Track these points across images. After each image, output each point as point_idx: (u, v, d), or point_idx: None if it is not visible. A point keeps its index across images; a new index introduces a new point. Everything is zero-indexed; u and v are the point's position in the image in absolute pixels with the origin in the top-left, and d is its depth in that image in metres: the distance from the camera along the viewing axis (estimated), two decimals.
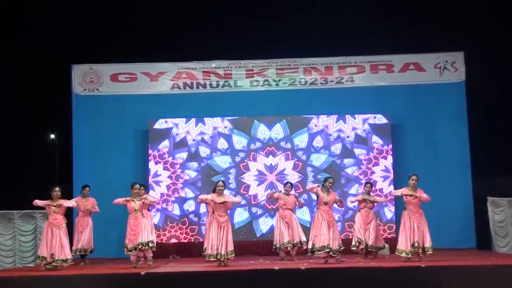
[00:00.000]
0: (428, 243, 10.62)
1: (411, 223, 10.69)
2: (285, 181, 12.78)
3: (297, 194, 12.94)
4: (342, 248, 10.81)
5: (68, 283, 9.74)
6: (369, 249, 11.87)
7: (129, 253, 10.93)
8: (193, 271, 10.23)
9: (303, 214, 13.60)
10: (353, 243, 11.92)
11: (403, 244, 10.70)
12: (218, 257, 10.70)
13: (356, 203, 12.52)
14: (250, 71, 14.68)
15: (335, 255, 10.64)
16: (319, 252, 10.64)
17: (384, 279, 9.48)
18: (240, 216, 13.95)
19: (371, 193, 12.29)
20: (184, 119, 14.26)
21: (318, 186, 11.04)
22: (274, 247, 12.08)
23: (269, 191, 13.27)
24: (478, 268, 9.85)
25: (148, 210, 12.15)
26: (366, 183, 12.54)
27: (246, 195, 13.97)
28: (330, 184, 10.92)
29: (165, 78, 14.65)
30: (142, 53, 15.01)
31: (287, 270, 9.88)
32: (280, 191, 12.44)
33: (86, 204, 12.36)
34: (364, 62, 14.58)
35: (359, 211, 12.11)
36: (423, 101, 14.39)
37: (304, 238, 11.84)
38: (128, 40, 15.52)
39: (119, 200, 11.12)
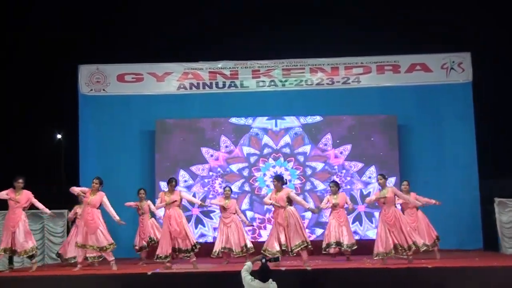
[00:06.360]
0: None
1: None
2: (273, 175, 11.61)
3: (292, 190, 11.18)
4: (355, 247, 11.62)
5: (74, 283, 9.77)
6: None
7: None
8: (199, 271, 10.23)
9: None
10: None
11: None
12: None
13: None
14: (256, 71, 14.65)
15: (346, 249, 11.47)
16: (329, 248, 11.53)
17: (390, 280, 9.47)
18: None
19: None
20: (191, 119, 14.29)
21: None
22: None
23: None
24: (485, 269, 9.84)
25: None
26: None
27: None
28: (335, 188, 11.82)
29: (171, 78, 14.63)
30: (149, 54, 15.04)
31: (293, 270, 9.87)
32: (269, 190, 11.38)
33: (19, 198, 10.74)
34: (370, 62, 14.51)
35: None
36: (430, 101, 14.31)
37: (297, 242, 10.20)
38: (135, 41, 15.57)
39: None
